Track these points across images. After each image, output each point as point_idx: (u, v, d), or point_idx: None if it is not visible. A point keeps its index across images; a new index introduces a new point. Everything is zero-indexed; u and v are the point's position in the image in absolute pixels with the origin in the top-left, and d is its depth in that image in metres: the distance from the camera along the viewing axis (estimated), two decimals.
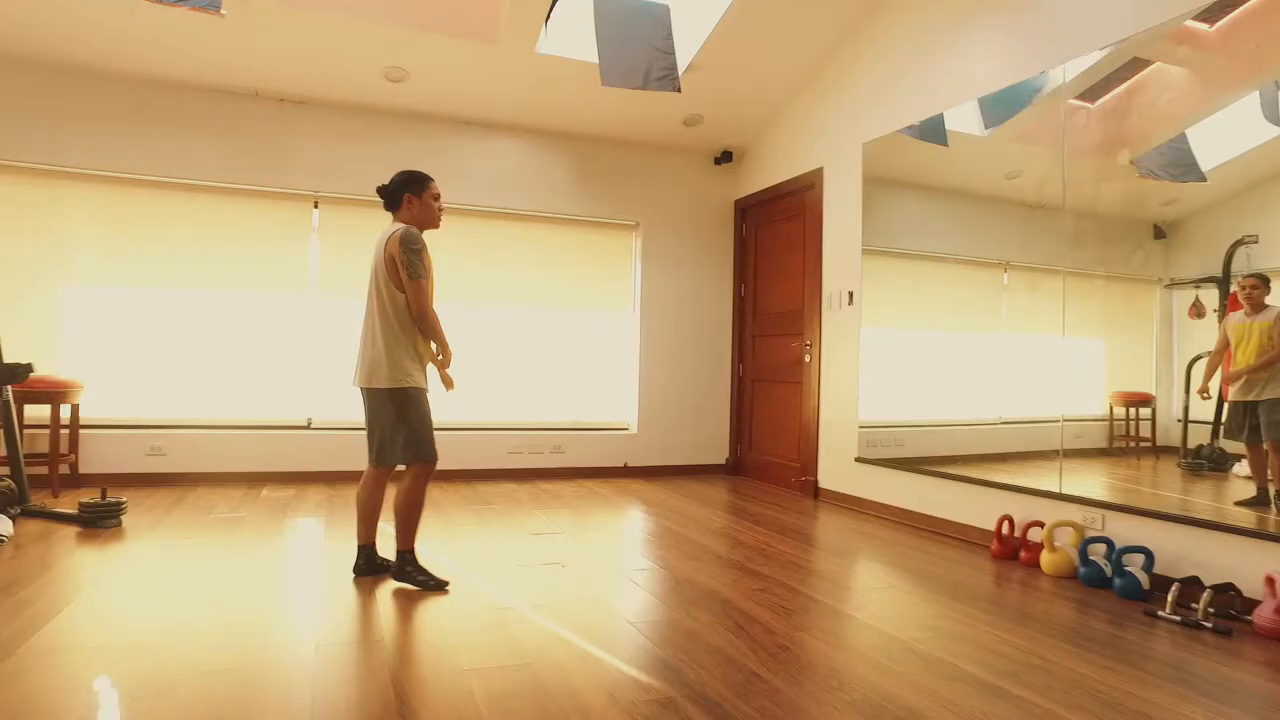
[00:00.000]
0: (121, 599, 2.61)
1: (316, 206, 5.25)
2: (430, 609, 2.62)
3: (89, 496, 3.82)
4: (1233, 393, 2.93)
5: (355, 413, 5.24)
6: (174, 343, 4.93)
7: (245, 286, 5.08)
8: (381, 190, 2.99)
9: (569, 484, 5.37)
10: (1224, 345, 2.95)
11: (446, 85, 5.06)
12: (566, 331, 5.79)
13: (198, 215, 4.99)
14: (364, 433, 5.12)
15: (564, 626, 2.48)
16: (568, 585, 2.95)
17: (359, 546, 3.01)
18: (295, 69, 4.78)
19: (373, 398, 2.89)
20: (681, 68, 5.03)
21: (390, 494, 3.07)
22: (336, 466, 5.15)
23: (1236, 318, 2.91)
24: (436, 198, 3.03)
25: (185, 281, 4.96)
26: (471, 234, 5.57)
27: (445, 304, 5.45)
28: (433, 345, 2.96)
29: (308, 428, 5.18)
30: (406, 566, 2.86)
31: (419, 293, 2.82)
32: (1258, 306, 2.84)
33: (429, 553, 3.35)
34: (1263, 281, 2.82)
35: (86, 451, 4.67)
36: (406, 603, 2.68)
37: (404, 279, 2.81)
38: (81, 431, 4.65)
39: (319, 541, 3.50)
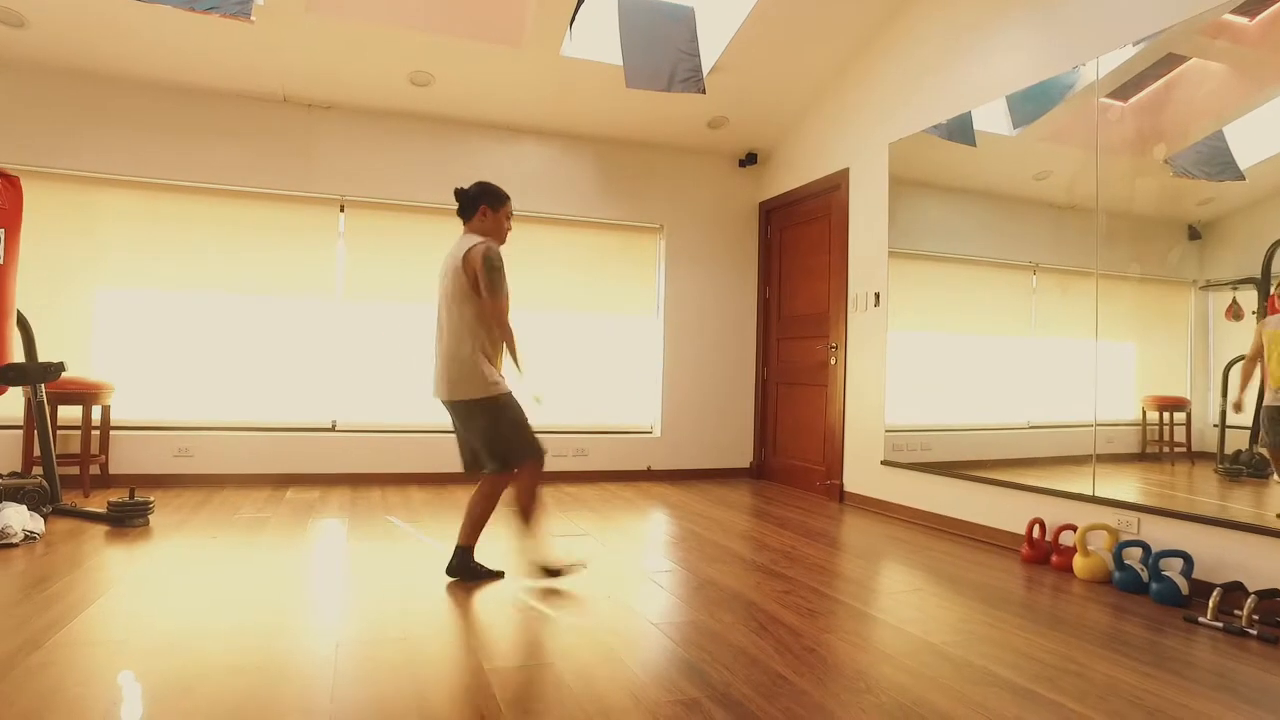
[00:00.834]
0: (147, 596, 2.63)
1: (343, 210, 5.29)
2: (451, 609, 2.60)
3: (118, 496, 3.86)
4: (1269, 397, 2.84)
5: (379, 415, 5.31)
6: (202, 345, 4.99)
7: (272, 290, 5.13)
8: (459, 194, 3.02)
9: (592, 487, 5.35)
10: (1258, 351, 2.86)
11: (472, 89, 5.08)
12: (591, 334, 5.78)
13: (226, 219, 5.05)
14: (388, 435, 5.10)
15: (586, 627, 2.45)
16: (590, 586, 2.92)
17: (456, 547, 3.01)
18: (322, 74, 4.83)
19: (461, 409, 2.89)
20: (706, 69, 5.01)
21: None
22: (361, 469, 5.17)
23: (1274, 323, 2.82)
24: (509, 216, 3.09)
25: (213, 284, 5.01)
26: None
27: None
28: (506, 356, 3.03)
29: (333, 430, 5.21)
30: (536, 558, 2.93)
31: (498, 309, 2.86)
32: None
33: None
34: None
35: (116, 452, 4.73)
36: (427, 603, 2.67)
37: (485, 295, 2.85)
38: (112, 433, 4.72)
39: (342, 542, 3.51)
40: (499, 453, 2.88)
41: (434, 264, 5.43)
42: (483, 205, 3.00)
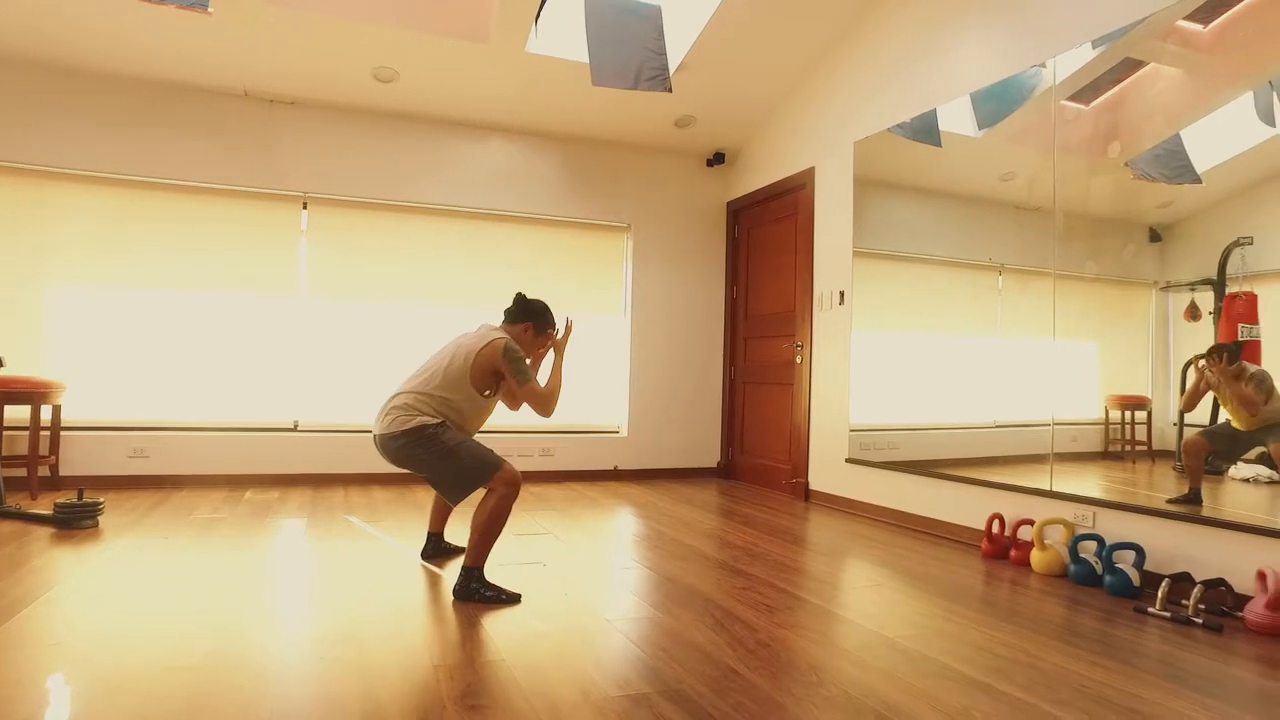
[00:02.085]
0: (89, 598, 2.56)
1: (305, 208, 5.21)
2: (403, 608, 2.56)
3: (66, 498, 3.77)
4: (1225, 418, 2.90)
5: (343, 415, 5.24)
6: (160, 344, 4.89)
7: (233, 287, 5.04)
8: (521, 300, 3.05)
9: (557, 487, 5.31)
10: (1195, 390, 2.94)
11: (437, 85, 5.03)
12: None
13: (184, 215, 4.96)
14: (351, 435, 5.06)
15: (541, 624, 2.43)
16: (548, 584, 2.89)
17: (428, 534, 3.21)
18: (284, 69, 4.76)
19: (393, 445, 2.73)
20: (672, 68, 5.01)
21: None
22: (323, 469, 5.09)
23: (1215, 380, 2.88)
24: (543, 345, 3.10)
25: (171, 282, 4.92)
26: (461, 235, 5.54)
27: (435, 305, 5.42)
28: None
29: (294, 430, 5.13)
30: (473, 583, 2.66)
31: (533, 394, 2.84)
32: (1236, 377, 2.81)
33: (406, 550, 3.29)
34: (1223, 356, 2.81)
35: (67, 453, 4.61)
36: (380, 602, 2.62)
37: (514, 386, 2.83)
38: (63, 433, 4.60)
39: (298, 542, 3.44)
40: (455, 480, 2.72)
41: (399, 261, 5.37)
42: (528, 324, 3.03)
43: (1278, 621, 2.48)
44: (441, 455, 2.71)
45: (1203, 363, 2.92)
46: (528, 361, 2.88)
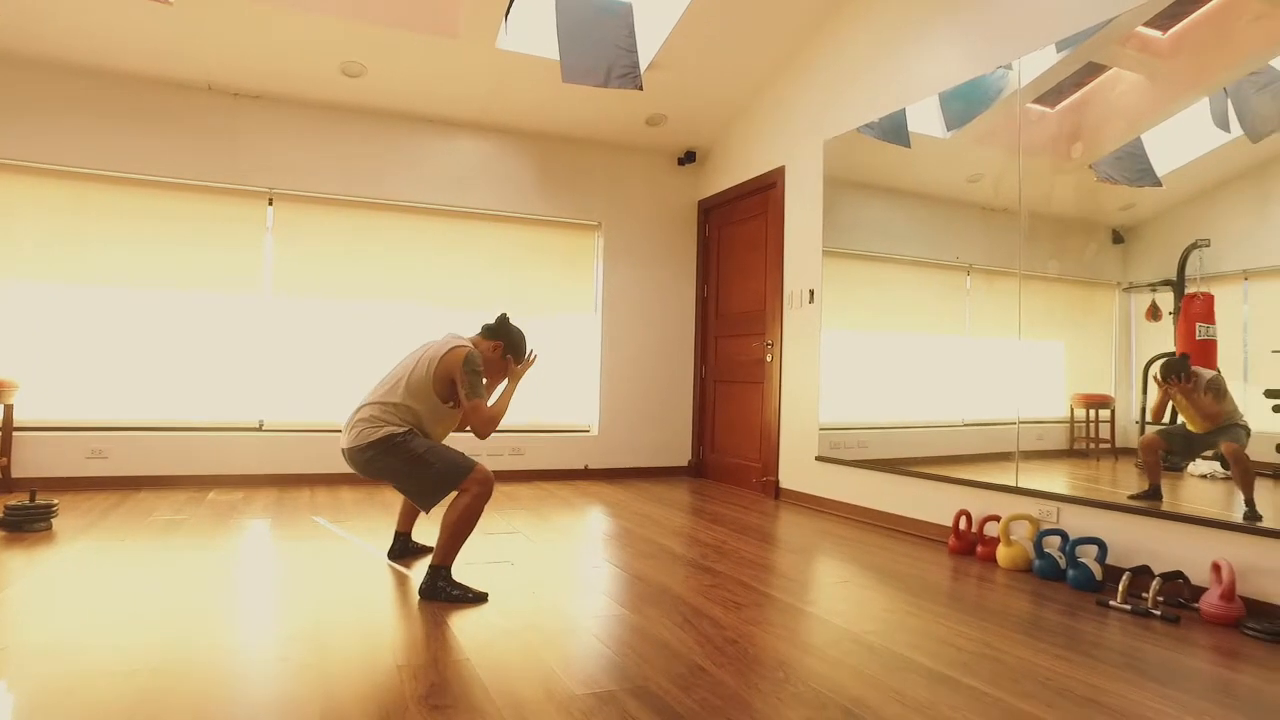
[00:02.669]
0: (40, 601, 2.49)
1: (271, 204, 5.13)
2: (369, 608, 2.52)
3: (17, 500, 3.67)
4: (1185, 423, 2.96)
5: (309, 414, 5.16)
6: (118, 342, 4.78)
7: (196, 285, 4.94)
8: (504, 321, 2.96)
9: (527, 486, 5.28)
10: (1160, 405, 3.00)
11: (405, 81, 4.98)
12: (528, 332, 5.71)
13: (145, 210, 4.85)
14: (318, 435, 5.00)
15: (507, 623, 2.40)
16: (516, 583, 2.87)
17: (396, 533, 3.19)
18: (249, 62, 4.67)
19: (361, 457, 2.69)
20: (643, 66, 5.00)
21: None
22: (289, 469, 5.01)
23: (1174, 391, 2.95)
24: (510, 365, 2.98)
25: (131, 279, 4.80)
26: (430, 233, 5.48)
27: (403, 303, 5.36)
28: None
29: (260, 430, 5.04)
30: (440, 582, 2.62)
31: (478, 411, 2.75)
32: (1190, 391, 2.88)
33: (373, 551, 3.25)
34: (1179, 378, 2.89)
35: (20, 454, 4.49)
36: (344, 603, 2.58)
37: (463, 396, 2.75)
38: (16, 434, 4.48)
39: (262, 543, 3.38)
40: (427, 487, 2.67)
41: (367, 258, 5.31)
42: (501, 344, 2.93)
43: (1231, 611, 2.53)
44: (411, 462, 2.66)
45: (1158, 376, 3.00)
46: (484, 381, 2.83)
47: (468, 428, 2.90)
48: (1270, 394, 2.65)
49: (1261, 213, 2.69)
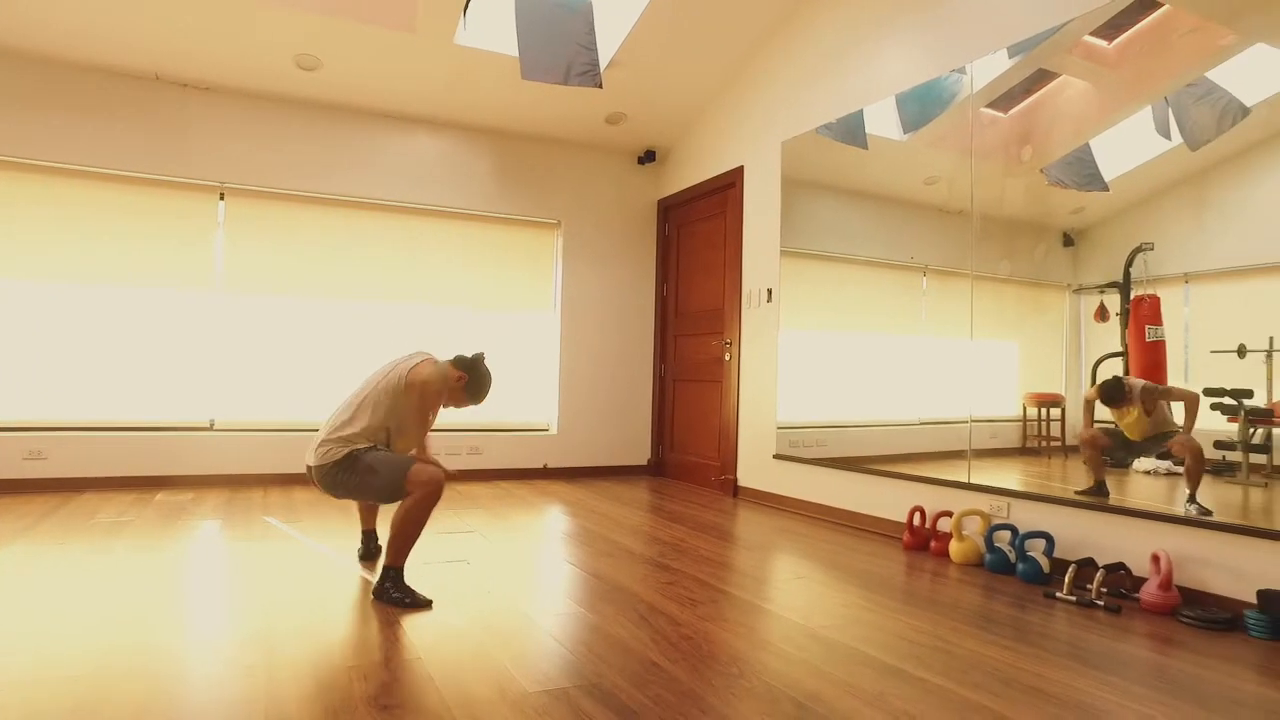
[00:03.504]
0: None
1: (223, 198, 5.01)
2: (320, 610, 2.48)
3: None
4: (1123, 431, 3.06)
5: (262, 413, 5.05)
6: (60, 339, 4.62)
7: (143, 281, 4.80)
8: (478, 357, 2.89)
9: (486, 486, 5.24)
10: (1090, 419, 3.10)
11: (362, 75, 4.90)
12: (485, 330, 5.67)
13: (89, 203, 4.70)
14: (271, 434, 4.91)
15: (461, 622, 2.38)
16: (471, 582, 2.84)
17: (363, 532, 3.15)
18: (198, 53, 4.56)
19: (327, 475, 2.66)
20: (603, 64, 4.99)
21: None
22: (241, 469, 4.90)
23: (1102, 394, 3.05)
24: (458, 405, 2.92)
25: (74, 274, 4.65)
26: (387, 230, 5.40)
27: (358, 301, 5.28)
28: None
29: (210, 429, 4.92)
30: (387, 583, 2.60)
31: (417, 436, 2.81)
32: (1122, 404, 2.98)
33: (327, 551, 3.19)
34: (1113, 400, 2.99)
35: None
36: (295, 604, 2.53)
37: (415, 417, 2.76)
38: None
39: (211, 545, 3.30)
40: (381, 492, 2.65)
41: (320, 254, 5.22)
42: (466, 377, 2.85)
43: (1169, 600, 2.62)
44: (364, 474, 2.64)
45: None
46: (438, 405, 2.81)
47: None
48: (1209, 393, 2.74)
49: (1199, 218, 2.78)
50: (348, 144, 5.25)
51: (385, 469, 2.63)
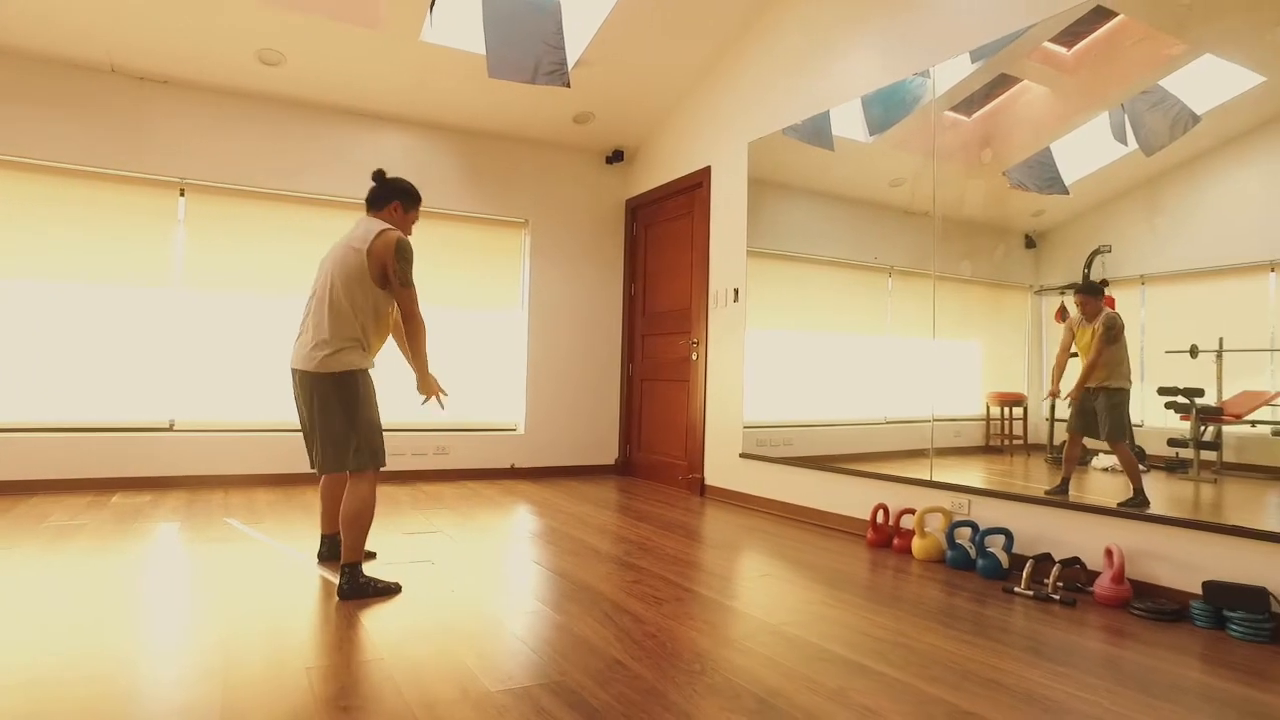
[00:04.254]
0: None
1: (183, 194, 4.92)
2: (281, 612, 2.44)
3: None
4: (1079, 380, 3.12)
5: (223, 413, 4.96)
6: (13, 337, 4.50)
7: (100, 278, 4.69)
8: (380, 177, 2.89)
9: (452, 486, 5.20)
10: (1067, 346, 3.13)
11: (326, 71, 4.84)
12: (453, 329, 5.63)
13: (42, 198, 4.58)
14: (232, 434, 4.83)
15: (423, 622, 2.36)
16: (435, 582, 2.82)
17: (323, 536, 3.07)
18: (155, 45, 4.47)
19: (315, 385, 2.68)
20: (571, 63, 4.98)
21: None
22: (201, 471, 4.82)
23: (1079, 322, 3.10)
24: (414, 221, 2.98)
25: (28, 270, 4.53)
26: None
27: None
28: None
29: (170, 430, 4.83)
30: (360, 579, 2.61)
31: (411, 300, 2.78)
32: (1091, 316, 3.03)
33: (290, 553, 3.15)
34: (1089, 294, 3.04)
35: None
36: (255, 607, 2.49)
37: (397, 286, 2.74)
38: None
39: (169, 548, 3.24)
40: (341, 442, 2.67)
41: (283, 252, 5.14)
42: (396, 202, 2.89)
43: (1121, 593, 2.68)
44: (349, 409, 2.67)
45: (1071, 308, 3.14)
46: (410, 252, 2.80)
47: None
48: (1163, 391, 2.81)
49: (1153, 222, 2.85)
50: (312, 141, 5.18)
51: (366, 433, 2.68)
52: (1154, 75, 2.84)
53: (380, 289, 2.75)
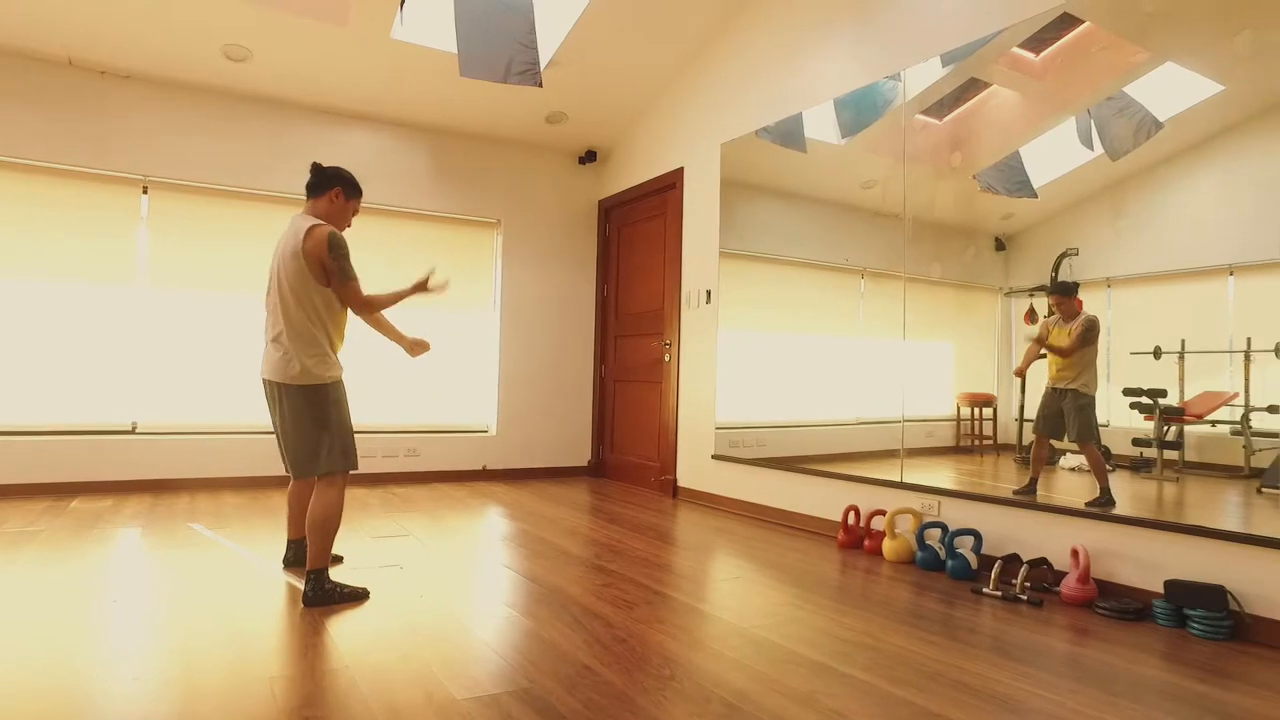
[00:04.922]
0: None
1: (146, 192, 4.81)
2: (244, 620, 2.40)
3: None
4: (1049, 381, 3.15)
5: (188, 415, 4.86)
6: None
7: (59, 275, 4.58)
8: (317, 168, 2.83)
9: (423, 488, 5.15)
10: (1043, 337, 3.17)
11: (294, 68, 4.76)
12: (423, 330, 5.57)
13: (0, 194, 4.47)
14: (198, 437, 4.76)
15: (390, 628, 2.32)
16: (403, 587, 2.78)
17: (289, 541, 3.02)
18: (115, 38, 4.37)
19: (285, 396, 2.66)
20: (543, 63, 4.95)
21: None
22: (165, 474, 4.72)
23: (1055, 321, 3.13)
24: (355, 211, 2.95)
25: None
26: None
27: None
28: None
29: (133, 432, 4.72)
30: (326, 585, 2.57)
31: (356, 294, 2.74)
32: (1069, 316, 3.07)
33: (256, 559, 3.09)
34: (1063, 295, 3.07)
35: None
36: (218, 614, 2.44)
37: (336, 284, 2.69)
38: None
39: (130, 554, 3.16)
40: (312, 448, 2.64)
41: (251, 252, 5.05)
42: (338, 188, 2.85)
43: (1087, 593, 2.72)
44: (321, 415, 2.65)
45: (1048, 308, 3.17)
46: (345, 248, 2.75)
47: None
48: (1128, 392, 2.85)
49: (1117, 226, 2.89)
50: (279, 139, 5.10)
51: (340, 435, 2.67)
52: (1119, 82, 2.89)
53: (326, 287, 2.71)
